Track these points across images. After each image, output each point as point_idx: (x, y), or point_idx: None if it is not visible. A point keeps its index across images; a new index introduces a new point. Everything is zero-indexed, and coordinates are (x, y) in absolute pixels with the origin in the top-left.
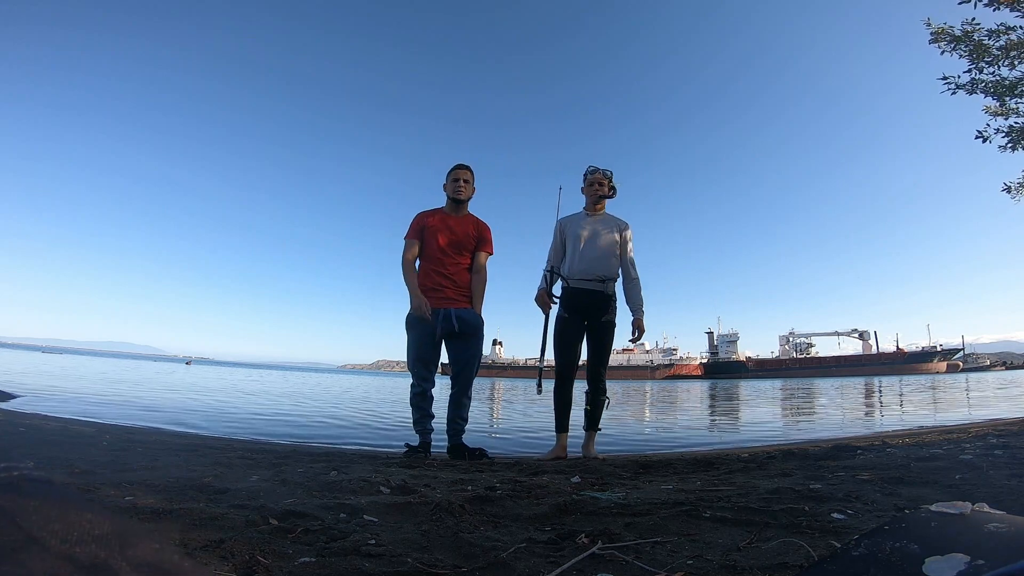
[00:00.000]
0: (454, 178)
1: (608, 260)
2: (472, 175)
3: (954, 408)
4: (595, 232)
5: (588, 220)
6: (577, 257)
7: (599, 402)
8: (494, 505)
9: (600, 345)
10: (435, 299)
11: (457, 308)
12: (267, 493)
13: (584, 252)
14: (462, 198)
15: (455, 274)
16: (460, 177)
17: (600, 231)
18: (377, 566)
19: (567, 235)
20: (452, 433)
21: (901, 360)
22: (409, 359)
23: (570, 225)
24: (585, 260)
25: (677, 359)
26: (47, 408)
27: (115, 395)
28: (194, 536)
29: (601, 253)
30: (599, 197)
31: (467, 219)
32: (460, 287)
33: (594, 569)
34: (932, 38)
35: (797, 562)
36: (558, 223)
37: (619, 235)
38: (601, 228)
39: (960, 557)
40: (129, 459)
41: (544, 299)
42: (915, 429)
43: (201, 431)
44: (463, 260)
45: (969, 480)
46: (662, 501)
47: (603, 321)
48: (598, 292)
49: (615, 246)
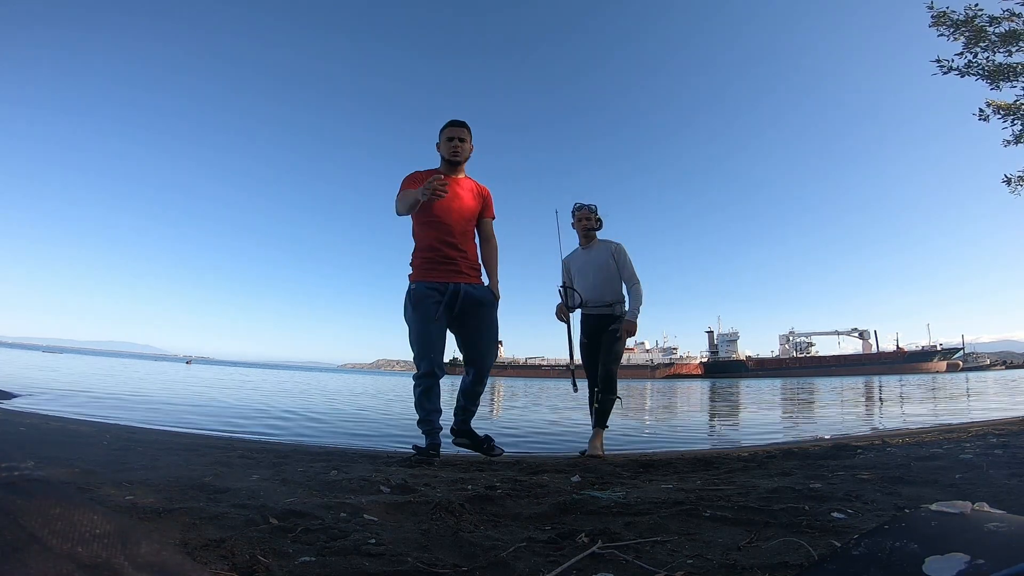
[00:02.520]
0: (448, 137)
1: (610, 285)
2: (469, 133)
3: (954, 408)
4: (593, 264)
5: (584, 254)
6: (586, 288)
7: (608, 401)
8: (494, 504)
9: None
10: (444, 273)
11: (468, 283)
12: (267, 492)
13: (590, 283)
14: (459, 159)
15: (464, 243)
16: (455, 136)
17: (597, 262)
18: (377, 565)
19: (572, 271)
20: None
21: (901, 359)
22: (413, 344)
23: (572, 262)
24: (591, 290)
25: (677, 358)
26: (47, 407)
27: (115, 394)
28: (194, 535)
29: (603, 280)
30: (588, 230)
31: (466, 182)
32: (471, 260)
33: (594, 568)
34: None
35: (797, 561)
36: (563, 262)
37: (614, 259)
38: (597, 258)
39: (960, 556)
40: (129, 459)
41: (563, 313)
42: (915, 429)
43: (201, 431)
44: (470, 228)
45: (969, 479)
46: (662, 500)
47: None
48: (606, 315)
49: (613, 270)
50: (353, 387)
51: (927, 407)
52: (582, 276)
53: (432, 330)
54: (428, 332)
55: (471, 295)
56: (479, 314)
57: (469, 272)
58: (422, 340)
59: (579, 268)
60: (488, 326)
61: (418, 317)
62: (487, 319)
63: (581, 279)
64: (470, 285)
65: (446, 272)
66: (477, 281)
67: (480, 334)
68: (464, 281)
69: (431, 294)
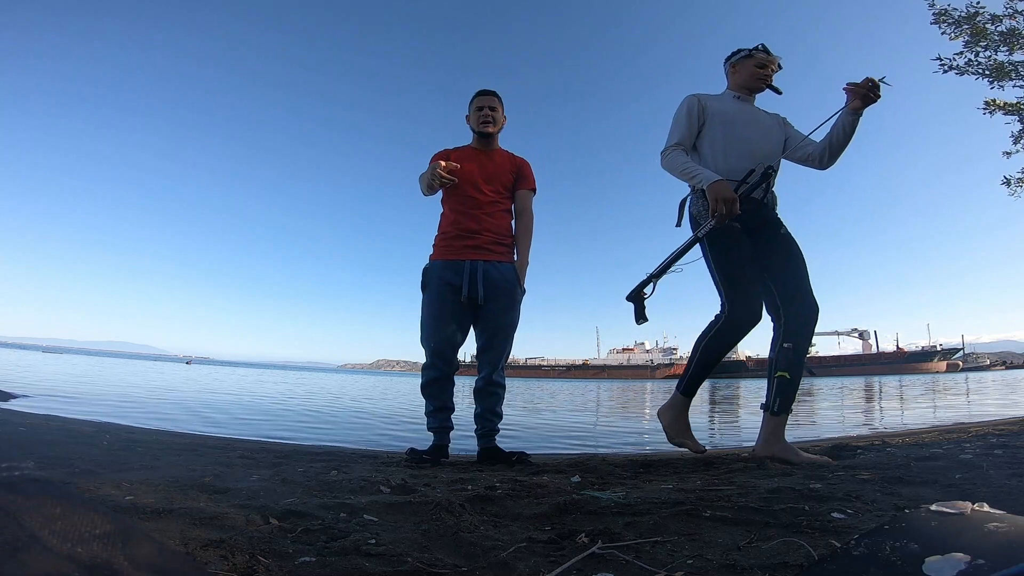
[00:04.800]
0: (478, 107)
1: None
2: (500, 102)
3: (954, 408)
4: (762, 123)
5: (743, 106)
6: (752, 154)
7: (800, 364)
8: (494, 505)
9: (799, 262)
10: (461, 249)
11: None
12: (267, 493)
13: (759, 149)
14: (491, 131)
15: (493, 215)
16: (485, 105)
17: (766, 123)
18: (377, 565)
19: (716, 121)
20: (483, 433)
21: (901, 360)
22: (424, 332)
23: (720, 108)
24: (765, 157)
25: (677, 359)
26: (47, 408)
27: (115, 395)
28: (194, 535)
29: (772, 152)
30: (765, 86)
31: (500, 153)
32: (500, 234)
33: (594, 568)
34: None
35: (797, 561)
36: (695, 101)
37: (784, 130)
38: (765, 119)
39: (960, 557)
40: (129, 459)
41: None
42: (915, 429)
43: (201, 431)
44: (502, 202)
45: (969, 480)
46: (662, 500)
47: (787, 235)
48: (769, 207)
49: (780, 145)
50: (353, 387)
51: (927, 407)
52: (745, 132)
53: (440, 314)
54: (435, 316)
55: (489, 274)
56: (495, 296)
57: (493, 248)
58: (426, 325)
59: (741, 120)
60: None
61: (427, 299)
62: (502, 302)
63: (741, 137)
64: (491, 264)
65: (465, 249)
66: (505, 260)
67: (489, 319)
68: (486, 258)
69: (445, 274)
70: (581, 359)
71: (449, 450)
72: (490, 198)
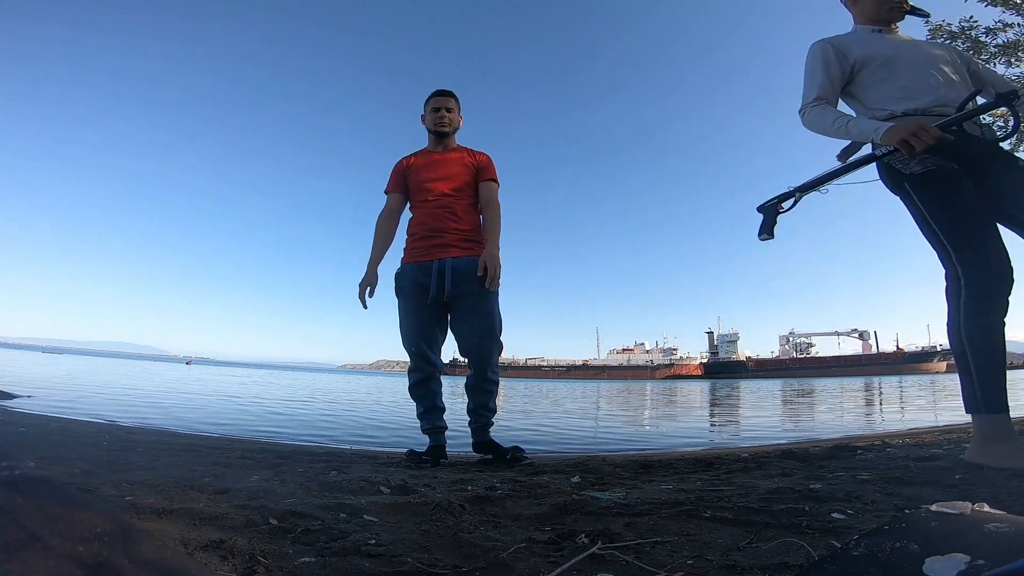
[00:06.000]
0: (433, 107)
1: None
2: (457, 102)
3: (954, 408)
4: (927, 54)
5: (892, 40)
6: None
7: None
8: (494, 505)
9: None
10: (429, 249)
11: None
12: (267, 493)
13: (939, 82)
14: (446, 130)
15: (459, 213)
16: (441, 106)
17: (930, 53)
18: (377, 566)
19: (864, 60)
20: (476, 428)
21: (901, 360)
22: (404, 335)
23: (866, 48)
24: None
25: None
26: (47, 408)
27: (115, 395)
28: (194, 536)
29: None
30: (903, 11)
31: (458, 151)
32: (463, 231)
33: (594, 569)
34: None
35: (797, 562)
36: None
37: (959, 56)
38: (927, 49)
39: (960, 557)
40: (129, 459)
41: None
42: (915, 429)
43: (201, 431)
44: (466, 198)
45: (969, 480)
46: (662, 501)
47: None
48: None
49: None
50: (353, 387)
51: (927, 407)
52: (917, 68)
53: (417, 316)
54: (412, 319)
55: (459, 268)
56: (467, 288)
57: (462, 245)
58: (405, 329)
59: (905, 56)
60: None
61: (402, 303)
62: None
63: (916, 73)
64: (460, 259)
65: (433, 249)
66: (475, 255)
67: (466, 315)
68: (454, 256)
69: (417, 276)
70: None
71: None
72: (453, 196)
